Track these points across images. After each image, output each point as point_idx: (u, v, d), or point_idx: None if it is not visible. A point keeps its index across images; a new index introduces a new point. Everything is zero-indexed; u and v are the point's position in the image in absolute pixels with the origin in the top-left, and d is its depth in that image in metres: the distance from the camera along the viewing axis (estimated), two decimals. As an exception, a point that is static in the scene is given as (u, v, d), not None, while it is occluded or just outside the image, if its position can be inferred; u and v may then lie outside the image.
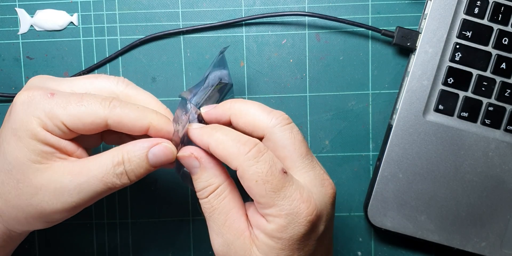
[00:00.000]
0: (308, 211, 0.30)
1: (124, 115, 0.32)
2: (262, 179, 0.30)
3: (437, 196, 0.42)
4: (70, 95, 0.32)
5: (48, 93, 0.32)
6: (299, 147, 0.32)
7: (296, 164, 0.32)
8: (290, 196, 0.30)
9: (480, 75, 0.42)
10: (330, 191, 0.32)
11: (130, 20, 0.44)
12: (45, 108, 0.31)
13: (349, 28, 0.44)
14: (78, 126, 0.32)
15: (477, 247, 0.42)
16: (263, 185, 0.30)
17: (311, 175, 0.32)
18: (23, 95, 0.32)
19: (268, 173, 0.30)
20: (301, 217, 0.30)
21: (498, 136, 0.42)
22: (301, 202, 0.30)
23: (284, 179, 0.30)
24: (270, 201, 0.30)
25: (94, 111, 0.32)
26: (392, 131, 0.42)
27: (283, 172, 0.30)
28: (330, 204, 0.32)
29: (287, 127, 0.32)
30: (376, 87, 0.44)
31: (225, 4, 0.44)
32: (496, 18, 0.42)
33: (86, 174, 0.32)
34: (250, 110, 0.33)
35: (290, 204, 0.30)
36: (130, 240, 0.45)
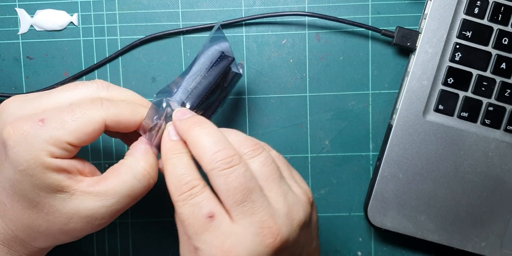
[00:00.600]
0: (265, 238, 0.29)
1: (119, 113, 0.32)
2: (186, 220, 0.30)
3: (437, 196, 0.42)
4: (60, 113, 0.31)
5: (37, 121, 0.30)
6: (232, 195, 0.30)
7: (231, 210, 0.30)
8: (211, 242, 0.29)
9: (480, 75, 0.42)
10: (268, 240, 0.30)
11: (130, 20, 0.44)
12: (45, 138, 0.30)
13: (349, 28, 0.44)
14: (82, 139, 0.31)
15: (477, 247, 0.42)
16: (187, 227, 0.30)
17: (246, 222, 0.30)
18: (15, 134, 0.30)
19: (191, 216, 0.30)
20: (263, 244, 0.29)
21: (498, 136, 0.42)
22: (220, 250, 0.29)
23: (206, 224, 0.30)
24: (194, 242, 0.30)
25: (91, 118, 0.31)
26: (392, 131, 0.42)
27: (209, 216, 0.30)
28: (267, 254, 0.30)
29: (223, 173, 0.30)
30: (376, 87, 0.44)
31: (225, 4, 0.44)
32: (496, 18, 0.42)
33: (113, 195, 0.32)
34: (199, 143, 0.31)
35: (209, 250, 0.29)
36: (130, 240, 0.45)
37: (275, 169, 0.32)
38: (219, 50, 0.37)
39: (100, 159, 0.45)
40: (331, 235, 0.45)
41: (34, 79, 0.45)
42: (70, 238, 0.34)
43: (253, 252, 0.29)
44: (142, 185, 0.33)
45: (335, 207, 0.45)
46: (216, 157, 0.30)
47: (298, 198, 0.32)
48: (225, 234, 0.30)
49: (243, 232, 0.30)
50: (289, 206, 0.31)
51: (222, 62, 0.36)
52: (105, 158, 0.45)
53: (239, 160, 0.30)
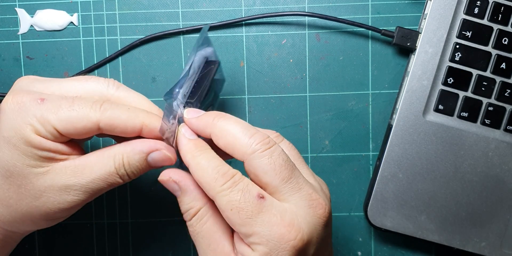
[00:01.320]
0: (290, 236, 0.29)
1: (115, 117, 0.32)
2: (237, 207, 0.29)
3: (437, 196, 0.42)
4: (60, 100, 0.31)
5: (38, 98, 0.31)
6: (279, 173, 0.30)
7: (279, 189, 0.30)
8: (269, 221, 0.29)
9: (480, 75, 0.42)
10: (320, 211, 0.30)
11: (130, 20, 0.44)
12: (36, 114, 0.31)
13: (349, 28, 0.44)
14: (69, 131, 0.31)
15: (477, 247, 0.42)
16: (238, 213, 0.29)
17: (296, 197, 0.30)
18: (12, 101, 0.31)
19: (242, 200, 0.29)
20: (283, 243, 0.29)
21: (498, 136, 0.42)
22: (282, 226, 0.29)
23: (260, 204, 0.29)
24: (249, 229, 0.29)
25: (86, 115, 0.31)
26: (392, 131, 0.42)
27: (259, 197, 0.29)
28: (321, 226, 0.31)
29: (266, 153, 0.30)
30: (376, 87, 0.44)
31: (225, 4, 0.44)
32: (496, 18, 0.42)
33: (90, 175, 0.32)
34: (230, 131, 0.31)
35: (270, 229, 0.29)
36: (130, 240, 0.45)
37: (299, 153, 0.34)
38: (204, 55, 0.37)
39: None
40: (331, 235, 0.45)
41: (34, 79, 0.44)
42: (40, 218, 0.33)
43: (311, 223, 0.30)
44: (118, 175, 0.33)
45: (335, 207, 0.45)
46: (254, 140, 0.30)
47: (320, 179, 0.34)
48: (281, 211, 0.29)
49: (296, 207, 0.30)
50: (320, 183, 0.33)
51: (208, 68, 0.37)
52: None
53: (274, 141, 0.31)
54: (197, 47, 0.36)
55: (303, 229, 0.29)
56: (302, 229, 0.29)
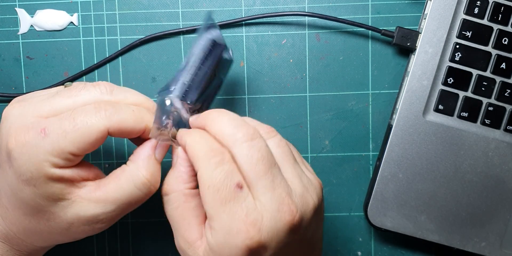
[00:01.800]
0: (247, 235, 0.28)
1: (123, 121, 0.31)
2: (214, 186, 0.29)
3: (437, 196, 0.42)
4: (61, 122, 0.30)
5: (39, 132, 0.30)
6: (254, 167, 0.29)
7: (253, 184, 0.30)
8: (235, 213, 0.29)
9: (480, 75, 0.42)
10: (287, 218, 0.29)
11: (130, 20, 0.44)
12: (47, 149, 0.30)
13: (349, 28, 0.44)
14: (85, 148, 0.31)
15: (477, 247, 0.42)
16: (213, 193, 0.29)
17: (267, 197, 0.29)
18: (16, 145, 0.30)
19: (222, 181, 0.29)
20: (239, 239, 0.28)
21: (498, 136, 0.42)
22: (243, 223, 0.28)
23: (235, 193, 0.29)
24: (215, 211, 0.29)
25: (93, 127, 0.31)
26: (392, 131, 0.42)
27: (238, 186, 0.29)
28: (285, 232, 0.29)
29: (246, 145, 0.30)
30: (376, 87, 0.44)
31: (225, 4, 0.44)
32: (496, 18, 0.42)
33: (113, 202, 0.32)
34: (219, 121, 0.31)
35: (231, 222, 0.29)
36: (130, 240, 0.45)
37: (289, 152, 0.32)
38: (210, 38, 0.36)
39: (100, 159, 0.45)
40: (331, 235, 0.45)
41: (34, 79, 0.45)
42: (71, 240, 0.35)
43: (273, 228, 0.29)
44: (142, 193, 0.33)
45: (335, 207, 0.45)
46: (239, 131, 0.30)
47: (311, 182, 0.32)
48: (249, 207, 0.29)
49: (264, 208, 0.29)
50: (304, 187, 0.31)
51: (214, 51, 0.36)
52: (105, 158, 0.45)
53: (259, 136, 0.31)
54: (201, 32, 0.36)
55: (262, 232, 0.29)
56: (261, 231, 0.29)
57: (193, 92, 0.35)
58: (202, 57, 0.35)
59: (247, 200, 0.29)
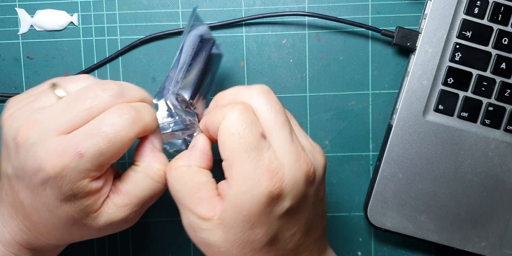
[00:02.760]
0: (270, 182, 0.29)
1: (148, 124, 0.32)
2: (240, 133, 0.29)
3: (437, 196, 0.42)
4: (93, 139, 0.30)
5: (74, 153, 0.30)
6: (275, 117, 0.30)
7: (273, 134, 0.30)
8: (258, 161, 0.29)
9: (480, 75, 0.42)
10: (305, 167, 0.30)
11: (130, 20, 0.44)
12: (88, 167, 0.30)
13: (349, 28, 0.44)
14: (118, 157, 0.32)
15: (477, 247, 0.42)
16: (237, 140, 0.29)
17: (286, 148, 0.30)
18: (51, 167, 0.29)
19: (247, 129, 0.29)
20: (262, 186, 0.29)
21: (498, 136, 0.42)
22: (266, 171, 0.29)
23: (260, 142, 0.29)
24: (237, 159, 0.29)
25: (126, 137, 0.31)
26: (392, 131, 0.42)
27: (262, 135, 0.30)
28: (303, 182, 0.30)
29: (265, 97, 0.31)
30: (376, 87, 0.44)
31: (225, 4, 0.44)
32: (496, 18, 0.42)
33: (138, 202, 0.33)
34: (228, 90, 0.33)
35: (255, 169, 0.29)
36: (130, 240, 0.45)
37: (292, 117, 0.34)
38: (198, 34, 0.36)
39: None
40: (331, 235, 0.45)
41: (34, 79, 0.45)
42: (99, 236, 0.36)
43: (293, 177, 0.30)
44: (161, 184, 0.34)
45: (335, 207, 0.45)
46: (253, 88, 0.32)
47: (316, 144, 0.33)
48: (271, 157, 0.29)
49: (283, 157, 0.30)
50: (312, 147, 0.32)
51: (204, 47, 0.36)
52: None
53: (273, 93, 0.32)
54: (188, 29, 0.36)
55: (284, 180, 0.29)
56: (283, 179, 0.29)
57: (188, 88, 0.34)
58: (191, 54, 0.35)
59: (270, 149, 0.30)
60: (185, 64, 0.35)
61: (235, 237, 0.30)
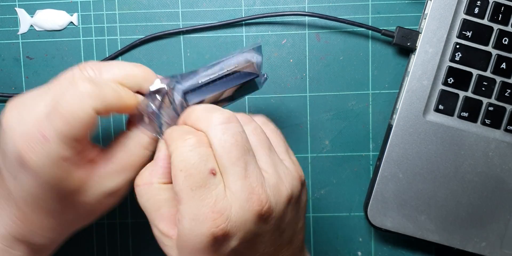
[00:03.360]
0: (214, 223, 0.28)
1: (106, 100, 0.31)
2: (188, 170, 0.28)
3: (437, 196, 0.42)
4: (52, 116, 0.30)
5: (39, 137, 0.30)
6: (228, 152, 0.29)
7: (225, 170, 0.29)
8: (204, 200, 0.28)
9: (480, 75, 0.42)
10: (255, 208, 0.29)
11: (130, 20, 0.44)
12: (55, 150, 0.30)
13: (349, 28, 0.44)
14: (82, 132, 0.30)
15: (477, 247, 0.42)
16: (184, 177, 0.28)
17: (238, 186, 0.29)
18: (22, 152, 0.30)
19: (195, 166, 0.28)
20: (205, 227, 0.28)
21: (498, 136, 0.42)
22: (211, 211, 0.28)
23: (207, 180, 0.28)
24: (184, 196, 0.28)
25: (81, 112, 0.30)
26: (392, 131, 0.42)
27: (212, 173, 0.28)
28: (253, 222, 0.29)
29: (221, 127, 0.29)
30: (376, 87, 0.44)
31: (225, 4, 0.44)
32: (496, 18, 0.42)
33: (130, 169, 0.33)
34: (195, 109, 0.31)
35: (199, 209, 0.28)
36: (130, 240, 0.45)
37: (265, 140, 0.31)
38: (251, 60, 0.34)
39: (100, 159, 0.45)
40: (331, 235, 0.45)
41: (34, 79, 0.44)
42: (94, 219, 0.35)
43: (241, 217, 0.29)
44: (151, 152, 0.34)
45: (335, 207, 0.45)
46: (214, 113, 0.30)
47: (289, 172, 0.31)
48: (219, 195, 0.28)
49: (234, 197, 0.29)
50: (279, 177, 0.30)
51: (245, 74, 0.34)
52: (105, 158, 0.45)
53: (236, 120, 0.30)
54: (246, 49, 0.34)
55: (229, 221, 0.28)
56: (229, 220, 0.28)
57: (197, 96, 0.33)
58: (229, 70, 0.34)
59: (218, 187, 0.29)
60: (215, 74, 0.33)
61: None
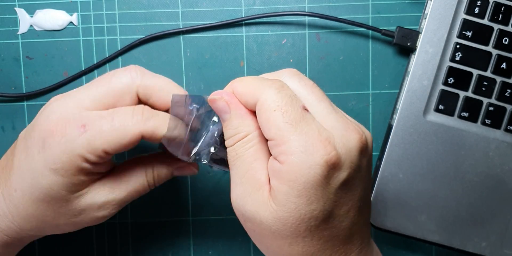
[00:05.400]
0: (325, 151, 0.27)
1: (158, 127, 0.32)
2: (282, 108, 0.28)
3: (437, 196, 0.42)
4: (100, 120, 0.31)
5: (79, 126, 0.31)
6: (311, 91, 0.30)
7: (314, 108, 0.29)
8: (307, 132, 0.27)
9: (481, 75, 0.42)
10: (355, 135, 0.29)
11: (130, 20, 0.44)
12: (83, 145, 0.31)
13: (349, 28, 0.44)
14: (118, 149, 0.32)
15: (478, 247, 0.42)
16: (281, 115, 0.28)
17: (332, 118, 0.29)
18: (54, 134, 0.31)
19: (288, 104, 0.28)
20: (317, 156, 0.27)
21: (498, 136, 0.42)
22: (319, 140, 0.27)
23: (303, 114, 0.28)
24: (285, 134, 0.27)
25: (129, 131, 0.31)
26: (392, 131, 0.42)
27: (304, 108, 0.28)
28: (356, 150, 0.29)
29: (297, 76, 0.31)
30: (376, 87, 0.44)
31: (225, 4, 0.44)
32: (496, 18, 0.42)
33: (126, 189, 0.34)
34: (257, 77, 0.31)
35: (306, 141, 0.27)
36: (130, 240, 0.45)
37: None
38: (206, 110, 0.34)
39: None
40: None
41: (33, 79, 0.44)
42: (71, 228, 0.35)
43: (345, 145, 0.28)
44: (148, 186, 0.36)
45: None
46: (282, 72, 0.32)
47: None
48: (319, 127, 0.28)
49: (331, 127, 0.29)
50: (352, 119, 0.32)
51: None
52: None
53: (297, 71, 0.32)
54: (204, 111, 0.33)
55: (337, 149, 0.28)
56: (336, 148, 0.28)
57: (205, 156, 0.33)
58: None
59: (315, 121, 0.28)
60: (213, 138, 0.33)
61: (289, 215, 0.28)
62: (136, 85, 0.33)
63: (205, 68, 0.44)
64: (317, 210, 0.28)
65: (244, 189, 0.29)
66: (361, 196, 0.30)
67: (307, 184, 0.27)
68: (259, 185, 0.29)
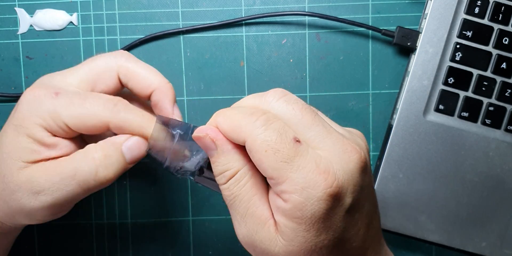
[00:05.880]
0: (326, 183, 0.27)
1: (127, 121, 0.32)
2: (272, 148, 0.27)
3: (437, 196, 0.42)
4: (74, 95, 0.32)
5: (53, 93, 0.32)
6: (301, 116, 0.28)
7: (307, 135, 0.28)
8: (305, 167, 0.27)
9: (481, 75, 0.42)
10: (354, 156, 0.28)
11: (130, 20, 0.44)
12: (49, 108, 0.31)
13: (349, 28, 0.44)
14: (79, 127, 0.32)
15: (478, 247, 0.42)
16: (274, 155, 0.27)
17: (328, 142, 0.28)
18: (29, 93, 0.32)
19: (278, 141, 0.27)
20: (319, 191, 0.26)
21: (498, 136, 0.42)
22: (318, 173, 0.27)
23: (296, 148, 0.27)
24: (282, 174, 0.27)
25: (97, 114, 0.31)
26: (392, 131, 0.42)
27: (295, 140, 0.27)
28: (358, 172, 0.28)
29: (283, 100, 0.29)
30: (376, 87, 0.44)
31: (225, 4, 0.44)
32: (496, 18, 0.42)
33: (60, 173, 0.31)
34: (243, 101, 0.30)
35: (305, 176, 0.27)
36: (129, 241, 0.45)
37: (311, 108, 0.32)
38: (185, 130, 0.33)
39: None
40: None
41: (34, 79, 0.44)
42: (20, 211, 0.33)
43: (346, 169, 0.28)
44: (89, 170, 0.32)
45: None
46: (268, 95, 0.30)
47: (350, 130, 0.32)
48: (315, 157, 0.27)
49: (328, 153, 0.28)
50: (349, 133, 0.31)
51: None
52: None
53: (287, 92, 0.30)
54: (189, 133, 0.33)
55: (338, 177, 0.27)
56: (337, 176, 0.27)
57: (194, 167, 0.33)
58: None
59: (310, 152, 0.27)
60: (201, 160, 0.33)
61: (300, 248, 0.28)
62: (117, 65, 0.34)
63: (205, 68, 0.44)
64: (327, 239, 0.28)
65: (249, 229, 0.29)
66: (368, 211, 0.30)
67: (314, 219, 0.27)
68: (263, 221, 0.29)
